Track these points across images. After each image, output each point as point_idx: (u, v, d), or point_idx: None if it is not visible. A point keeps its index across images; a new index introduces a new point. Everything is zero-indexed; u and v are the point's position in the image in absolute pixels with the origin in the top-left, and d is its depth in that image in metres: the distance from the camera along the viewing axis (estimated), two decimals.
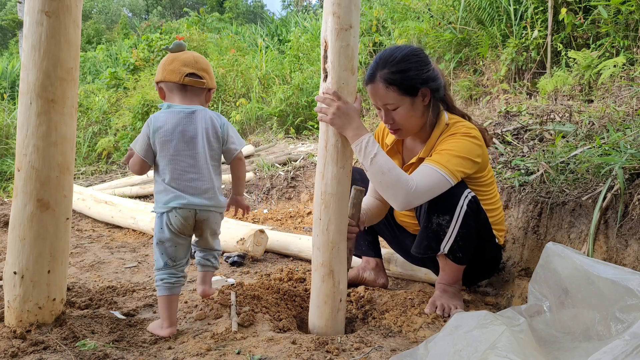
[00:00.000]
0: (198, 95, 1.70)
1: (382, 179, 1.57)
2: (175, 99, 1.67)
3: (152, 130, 1.62)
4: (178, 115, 1.63)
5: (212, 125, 1.67)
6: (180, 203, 1.59)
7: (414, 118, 1.74)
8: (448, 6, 5.48)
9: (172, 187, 1.60)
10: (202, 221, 1.65)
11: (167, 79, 1.66)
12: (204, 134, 1.64)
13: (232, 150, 1.72)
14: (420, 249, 1.78)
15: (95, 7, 31.64)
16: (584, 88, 3.73)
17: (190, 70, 1.66)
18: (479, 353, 1.10)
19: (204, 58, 1.73)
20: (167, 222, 1.60)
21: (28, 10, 1.47)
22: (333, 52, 1.49)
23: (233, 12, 24.66)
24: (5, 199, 5.10)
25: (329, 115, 1.53)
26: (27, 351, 1.39)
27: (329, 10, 1.48)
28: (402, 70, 1.67)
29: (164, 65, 1.68)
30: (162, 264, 1.62)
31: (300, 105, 6.65)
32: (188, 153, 1.62)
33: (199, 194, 1.62)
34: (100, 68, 12.17)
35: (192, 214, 1.62)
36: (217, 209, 1.69)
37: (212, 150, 1.67)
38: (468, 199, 1.68)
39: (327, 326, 1.59)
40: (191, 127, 1.63)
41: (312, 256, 1.62)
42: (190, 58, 1.68)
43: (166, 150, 1.61)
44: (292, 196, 4.66)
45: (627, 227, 1.78)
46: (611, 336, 1.23)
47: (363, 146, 1.55)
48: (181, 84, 1.65)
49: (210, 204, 1.64)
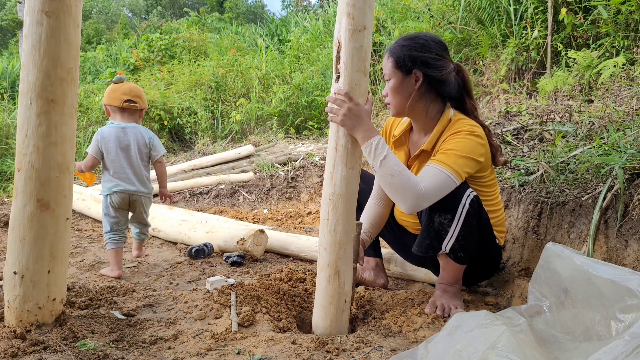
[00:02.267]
0: (133, 115, 2.45)
1: (391, 181, 1.57)
2: (117, 117, 2.43)
3: (100, 140, 2.36)
4: (117, 129, 2.39)
5: (141, 137, 2.44)
6: (119, 188, 2.37)
7: (399, 96, 1.77)
8: (448, 6, 5.48)
9: (114, 178, 2.37)
10: (134, 201, 2.44)
11: (111, 104, 2.40)
12: (135, 143, 2.41)
13: (154, 156, 2.51)
14: (422, 248, 1.78)
15: (95, 7, 31.64)
16: (584, 88, 3.73)
17: (127, 97, 2.39)
18: (479, 353, 1.10)
19: (138, 87, 2.47)
20: (110, 201, 2.38)
21: (28, 10, 1.47)
22: (346, 53, 1.49)
23: (233, 12, 24.67)
24: (5, 199, 5.10)
25: (339, 116, 1.53)
26: (27, 351, 1.39)
27: (343, 11, 1.48)
28: (404, 45, 1.76)
29: (108, 93, 2.41)
30: (108, 228, 2.40)
31: (300, 105, 6.65)
32: (123, 155, 2.38)
33: (131, 183, 2.39)
34: (100, 68, 12.16)
35: (127, 196, 2.40)
36: (145, 194, 2.45)
37: (141, 154, 2.44)
38: (470, 198, 1.68)
39: (332, 327, 1.59)
40: (126, 138, 2.39)
41: (318, 256, 1.62)
42: (127, 88, 2.41)
43: (109, 153, 2.37)
44: (292, 196, 4.66)
45: (627, 227, 1.77)
46: (611, 336, 1.22)
47: (373, 148, 1.56)
48: (121, 107, 2.40)
49: (139, 189, 2.42)
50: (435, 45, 1.76)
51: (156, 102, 7.04)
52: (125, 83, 2.44)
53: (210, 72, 7.74)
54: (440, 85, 1.78)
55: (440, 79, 1.76)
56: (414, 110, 1.81)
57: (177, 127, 7.26)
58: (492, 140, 1.83)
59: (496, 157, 1.85)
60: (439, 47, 1.77)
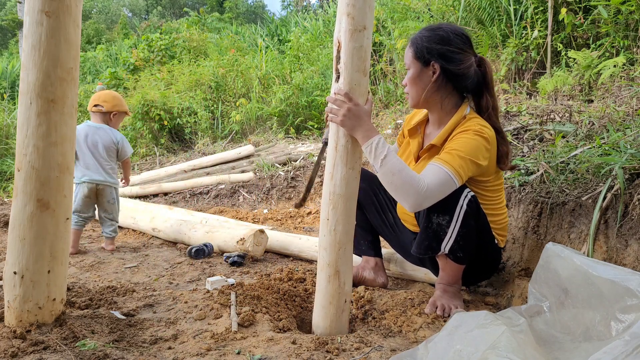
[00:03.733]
0: (103, 117, 2.98)
1: (392, 180, 1.57)
2: (92, 119, 3.00)
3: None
4: (88, 128, 2.91)
5: (108, 137, 2.93)
6: (87, 179, 2.86)
7: (416, 87, 1.78)
8: (448, 6, 5.48)
9: (84, 169, 2.86)
10: (101, 190, 2.90)
11: (88, 109, 3.01)
12: (102, 141, 2.90)
13: (122, 157, 3.03)
14: (421, 250, 1.78)
15: (95, 7, 31.64)
16: (584, 88, 3.73)
17: (95, 102, 2.97)
18: (479, 353, 1.10)
19: (109, 93, 3.03)
20: (81, 188, 2.85)
21: (28, 10, 1.47)
22: (346, 53, 1.49)
23: (233, 12, 24.67)
24: (5, 199, 5.10)
25: (339, 116, 1.53)
26: (27, 351, 1.39)
27: (343, 11, 1.48)
28: (424, 36, 1.77)
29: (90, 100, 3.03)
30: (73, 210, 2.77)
31: (300, 105, 6.65)
32: (92, 150, 2.88)
33: (98, 174, 2.88)
34: (100, 68, 12.17)
35: (94, 185, 2.88)
36: (110, 184, 2.93)
37: (108, 150, 2.92)
38: (468, 199, 1.68)
39: (332, 326, 1.60)
40: (95, 136, 2.89)
41: (319, 256, 1.62)
42: (97, 95, 3.01)
43: (80, 148, 2.86)
44: (292, 196, 4.65)
45: (627, 227, 1.77)
46: (611, 336, 1.22)
47: (373, 147, 1.56)
48: (91, 111, 2.98)
49: (104, 179, 2.89)
50: (456, 38, 1.75)
51: (156, 102, 7.04)
52: (101, 91, 3.06)
53: (210, 72, 7.75)
54: (457, 79, 1.77)
55: (457, 73, 1.75)
56: (430, 102, 1.82)
57: (177, 127, 7.26)
58: (502, 146, 1.77)
59: (502, 161, 1.79)
60: (459, 40, 1.76)
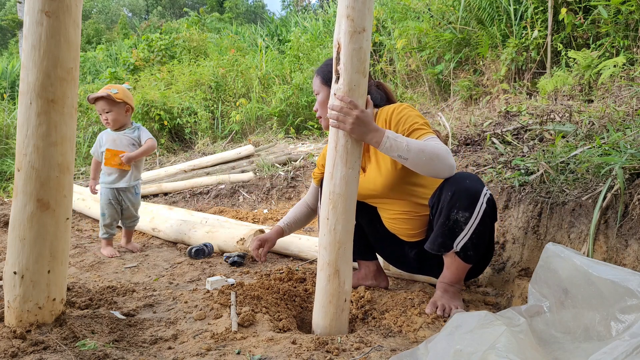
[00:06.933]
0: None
1: (424, 157, 1.60)
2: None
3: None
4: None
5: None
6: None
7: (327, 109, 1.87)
8: (448, 6, 5.49)
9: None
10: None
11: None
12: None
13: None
14: (435, 246, 1.78)
15: (95, 7, 31.65)
16: (584, 88, 3.73)
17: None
18: (479, 353, 1.10)
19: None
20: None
21: (28, 10, 1.47)
22: (346, 54, 1.50)
23: (233, 12, 24.68)
24: (5, 199, 5.10)
25: (347, 124, 1.54)
26: (27, 351, 1.39)
27: (343, 13, 1.49)
28: (328, 64, 1.88)
29: None
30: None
31: (300, 105, 6.65)
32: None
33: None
34: (100, 68, 12.17)
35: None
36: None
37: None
38: (487, 197, 1.71)
39: (331, 326, 1.60)
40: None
41: (318, 255, 1.62)
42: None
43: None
44: (292, 196, 4.65)
45: (627, 227, 1.77)
46: (611, 337, 1.22)
47: (391, 143, 1.58)
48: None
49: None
50: None
51: (156, 102, 7.04)
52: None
53: (210, 72, 7.75)
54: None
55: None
56: None
57: (177, 127, 7.26)
58: None
59: None
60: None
